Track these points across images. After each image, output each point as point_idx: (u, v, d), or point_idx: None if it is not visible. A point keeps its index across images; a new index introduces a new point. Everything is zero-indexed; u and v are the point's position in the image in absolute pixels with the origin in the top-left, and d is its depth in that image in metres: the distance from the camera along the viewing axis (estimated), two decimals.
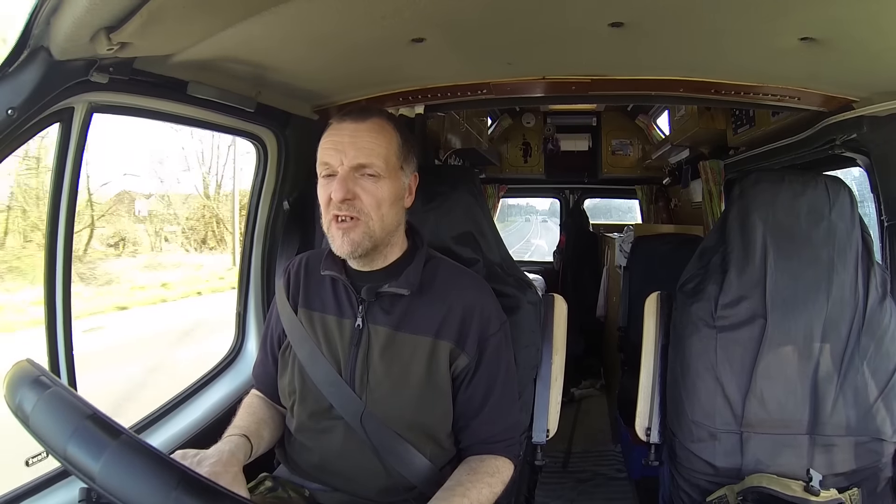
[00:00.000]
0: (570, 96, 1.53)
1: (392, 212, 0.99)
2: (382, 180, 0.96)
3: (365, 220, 0.96)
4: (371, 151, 0.95)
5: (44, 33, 0.86)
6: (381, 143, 0.96)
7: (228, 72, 1.22)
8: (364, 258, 1.01)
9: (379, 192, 0.96)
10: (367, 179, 0.96)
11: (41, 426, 0.63)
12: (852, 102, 1.38)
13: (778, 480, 1.15)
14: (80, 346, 1.12)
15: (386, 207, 0.97)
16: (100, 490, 0.58)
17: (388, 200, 0.97)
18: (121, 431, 0.60)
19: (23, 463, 1.02)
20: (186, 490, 0.56)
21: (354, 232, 0.96)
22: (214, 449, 0.93)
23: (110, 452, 0.58)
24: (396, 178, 0.99)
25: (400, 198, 1.01)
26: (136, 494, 0.57)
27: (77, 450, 0.59)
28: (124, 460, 0.58)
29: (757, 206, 1.29)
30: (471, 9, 1.03)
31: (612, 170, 3.99)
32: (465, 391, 1.03)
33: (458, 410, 1.04)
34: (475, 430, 1.04)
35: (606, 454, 2.68)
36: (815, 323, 1.23)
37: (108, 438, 0.59)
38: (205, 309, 7.75)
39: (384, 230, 0.99)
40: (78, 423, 0.61)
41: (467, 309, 1.03)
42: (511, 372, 1.10)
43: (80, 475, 0.59)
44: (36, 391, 0.64)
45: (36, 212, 7.44)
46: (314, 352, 1.04)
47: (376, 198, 0.96)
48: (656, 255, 2.64)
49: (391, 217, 0.99)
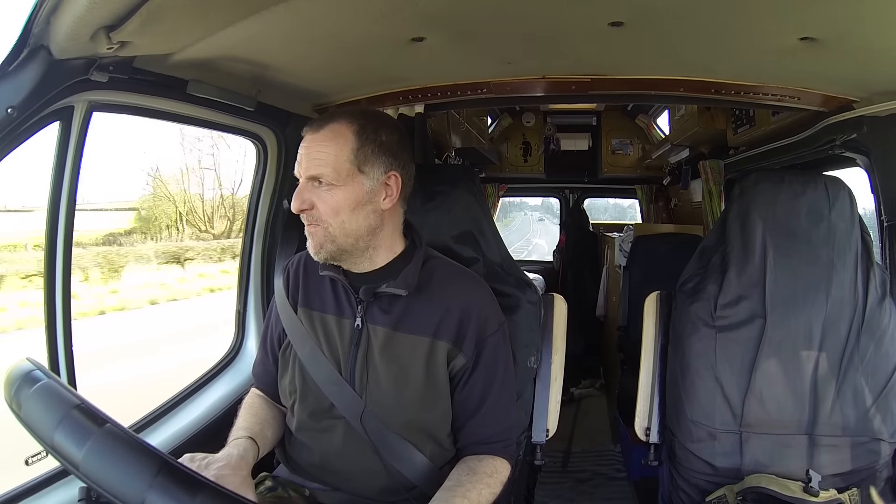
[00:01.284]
0: (570, 96, 1.53)
1: (355, 217, 0.98)
2: (335, 188, 0.96)
3: (324, 227, 0.98)
4: (319, 162, 0.96)
5: (44, 32, 0.86)
6: (330, 151, 0.96)
7: (228, 71, 1.22)
8: (342, 260, 1.03)
9: (332, 199, 0.97)
10: (322, 188, 0.97)
11: (31, 417, 0.64)
12: (852, 102, 1.38)
13: (777, 481, 1.15)
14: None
15: (346, 213, 0.97)
16: (82, 477, 0.59)
17: (345, 207, 0.97)
18: (105, 420, 0.61)
19: (22, 462, 1.02)
20: (168, 477, 0.57)
21: (316, 236, 0.99)
22: (223, 453, 0.93)
23: (94, 440, 0.59)
24: (354, 183, 0.97)
25: (364, 202, 0.98)
26: (117, 481, 0.58)
27: (63, 438, 0.60)
28: (107, 448, 0.59)
29: (757, 206, 1.29)
30: (470, 8, 1.03)
31: (612, 169, 3.99)
32: (461, 391, 1.03)
33: (455, 410, 1.04)
34: (472, 430, 1.04)
35: (606, 454, 2.68)
36: (815, 323, 1.23)
37: (93, 426, 0.60)
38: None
39: (348, 235, 0.99)
40: (65, 412, 0.62)
41: (465, 309, 1.03)
42: (509, 373, 1.09)
43: (65, 463, 0.60)
44: (29, 384, 0.65)
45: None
46: (315, 351, 1.04)
47: (330, 205, 0.97)
48: (656, 255, 2.65)
49: (354, 222, 0.98)
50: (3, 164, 0.89)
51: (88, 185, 8.12)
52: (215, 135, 8.69)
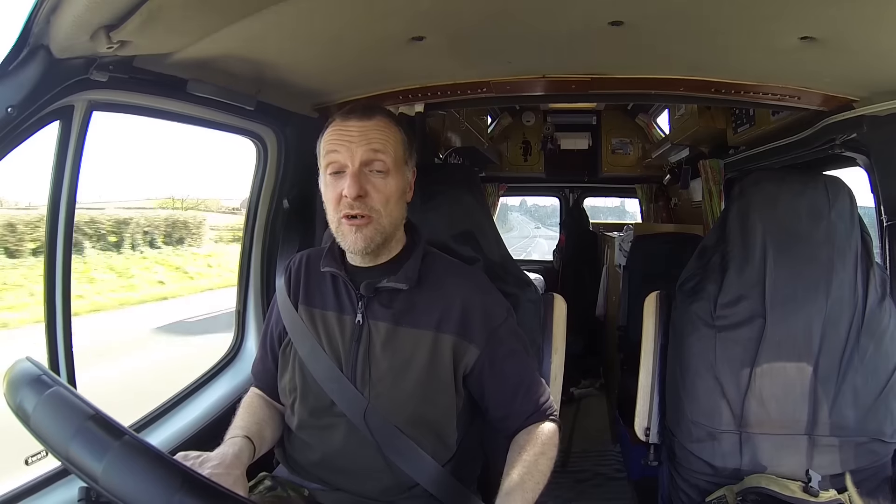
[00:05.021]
0: (570, 95, 1.53)
1: (398, 207, 1.01)
2: (390, 176, 0.98)
3: (376, 217, 0.98)
4: (380, 148, 0.97)
5: (44, 31, 0.85)
6: (389, 139, 0.98)
7: (228, 70, 1.22)
8: (372, 254, 1.03)
9: (387, 188, 0.98)
10: (377, 176, 0.97)
11: (42, 427, 0.63)
12: (852, 102, 1.37)
13: (777, 481, 1.15)
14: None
15: (393, 203, 0.99)
16: (102, 491, 0.58)
17: (395, 196, 0.99)
18: (123, 432, 0.60)
19: (22, 461, 1.02)
20: (190, 491, 0.56)
21: (367, 228, 0.98)
22: (218, 451, 0.93)
23: (113, 454, 0.58)
24: (402, 173, 1.01)
25: (404, 193, 1.03)
26: (139, 496, 0.57)
27: (79, 451, 0.59)
28: (127, 462, 0.58)
29: (757, 206, 1.29)
30: (470, 7, 1.03)
31: (612, 169, 3.99)
32: (492, 380, 1.04)
33: (493, 399, 1.04)
34: (518, 411, 1.04)
35: (606, 454, 2.68)
36: (815, 323, 1.23)
37: (111, 439, 0.59)
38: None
39: (392, 225, 1.01)
40: (80, 423, 0.60)
41: (467, 301, 1.03)
42: (529, 352, 1.11)
43: (83, 476, 0.59)
44: (37, 391, 0.64)
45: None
46: (315, 348, 1.04)
47: (385, 194, 0.97)
48: (656, 255, 2.64)
49: (397, 212, 1.02)
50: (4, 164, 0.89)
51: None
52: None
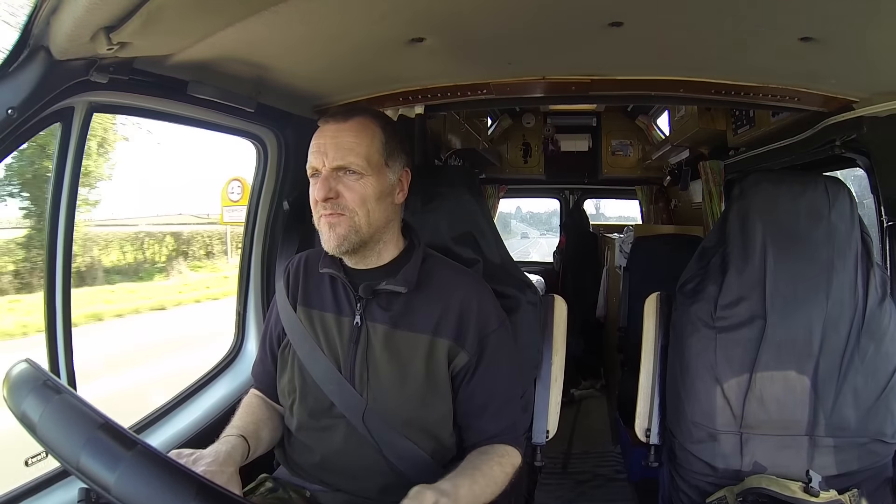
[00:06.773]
0: (570, 96, 1.53)
1: (379, 208, 1.00)
2: (365, 178, 0.98)
3: (350, 216, 0.97)
4: (351, 150, 0.97)
5: (44, 33, 0.86)
6: (362, 141, 0.98)
7: (228, 71, 1.22)
8: (355, 255, 1.02)
9: (362, 189, 0.97)
10: (350, 177, 0.97)
11: (51, 436, 0.62)
12: (852, 103, 1.37)
13: (777, 482, 1.15)
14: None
15: (372, 203, 0.98)
16: (115, 501, 0.57)
17: (372, 197, 0.98)
18: (135, 442, 0.60)
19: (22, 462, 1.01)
20: (205, 500, 0.56)
21: (340, 227, 0.97)
22: (211, 449, 0.93)
23: (126, 464, 0.58)
24: (381, 174, 0.99)
25: (387, 194, 1.01)
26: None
27: (91, 461, 0.59)
28: (141, 472, 0.58)
29: (757, 207, 1.29)
30: (470, 9, 1.03)
31: (613, 170, 3.99)
32: (465, 388, 1.03)
33: (460, 409, 1.03)
34: (479, 428, 1.03)
35: (606, 455, 2.68)
36: (815, 324, 1.23)
37: (123, 450, 0.59)
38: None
39: (371, 226, 0.99)
40: (90, 433, 0.60)
41: (465, 306, 1.03)
42: (514, 370, 1.09)
43: (96, 487, 0.59)
44: (42, 398, 0.64)
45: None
46: (314, 349, 1.04)
47: (360, 194, 0.97)
48: (656, 256, 2.64)
49: (378, 213, 1.00)
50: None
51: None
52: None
